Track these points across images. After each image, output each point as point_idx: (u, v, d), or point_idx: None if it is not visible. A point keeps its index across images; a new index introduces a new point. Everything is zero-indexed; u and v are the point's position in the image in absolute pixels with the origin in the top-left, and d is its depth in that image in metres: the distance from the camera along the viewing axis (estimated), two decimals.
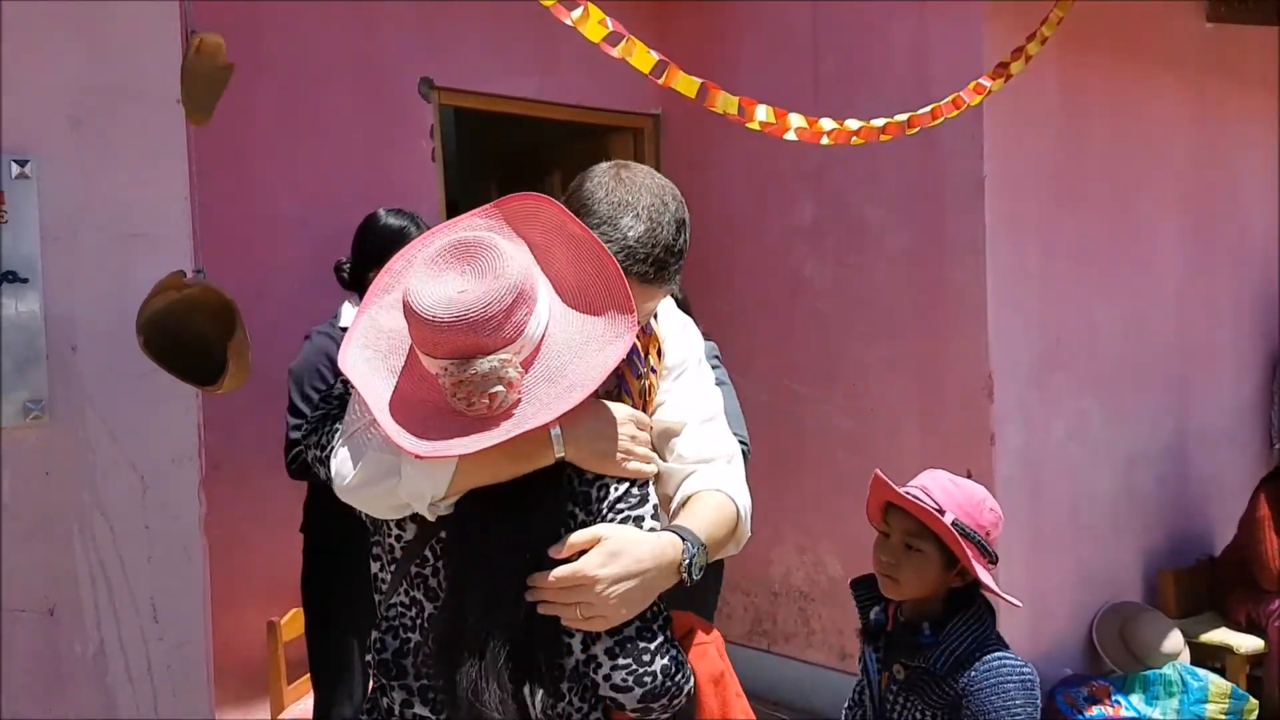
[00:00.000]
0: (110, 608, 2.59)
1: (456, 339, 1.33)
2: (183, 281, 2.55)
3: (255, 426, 3.64)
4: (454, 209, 5.06)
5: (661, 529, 1.49)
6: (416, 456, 1.34)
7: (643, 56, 2.48)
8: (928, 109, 3.11)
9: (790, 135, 2.82)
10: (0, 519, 2.49)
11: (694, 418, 1.69)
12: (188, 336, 2.55)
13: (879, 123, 3.00)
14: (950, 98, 3.15)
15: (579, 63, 4.57)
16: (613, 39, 2.44)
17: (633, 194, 1.52)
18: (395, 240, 2.94)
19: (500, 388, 1.33)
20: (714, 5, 4.77)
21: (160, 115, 2.76)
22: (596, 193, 1.53)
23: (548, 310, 1.42)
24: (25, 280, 2.59)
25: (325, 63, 4.01)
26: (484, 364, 1.32)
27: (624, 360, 1.63)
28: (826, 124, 2.88)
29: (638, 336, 1.66)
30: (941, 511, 2.00)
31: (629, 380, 1.64)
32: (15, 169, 2.57)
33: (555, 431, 1.40)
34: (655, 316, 1.74)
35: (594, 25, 2.38)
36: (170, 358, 2.50)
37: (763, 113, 2.74)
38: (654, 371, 1.70)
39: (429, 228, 3.07)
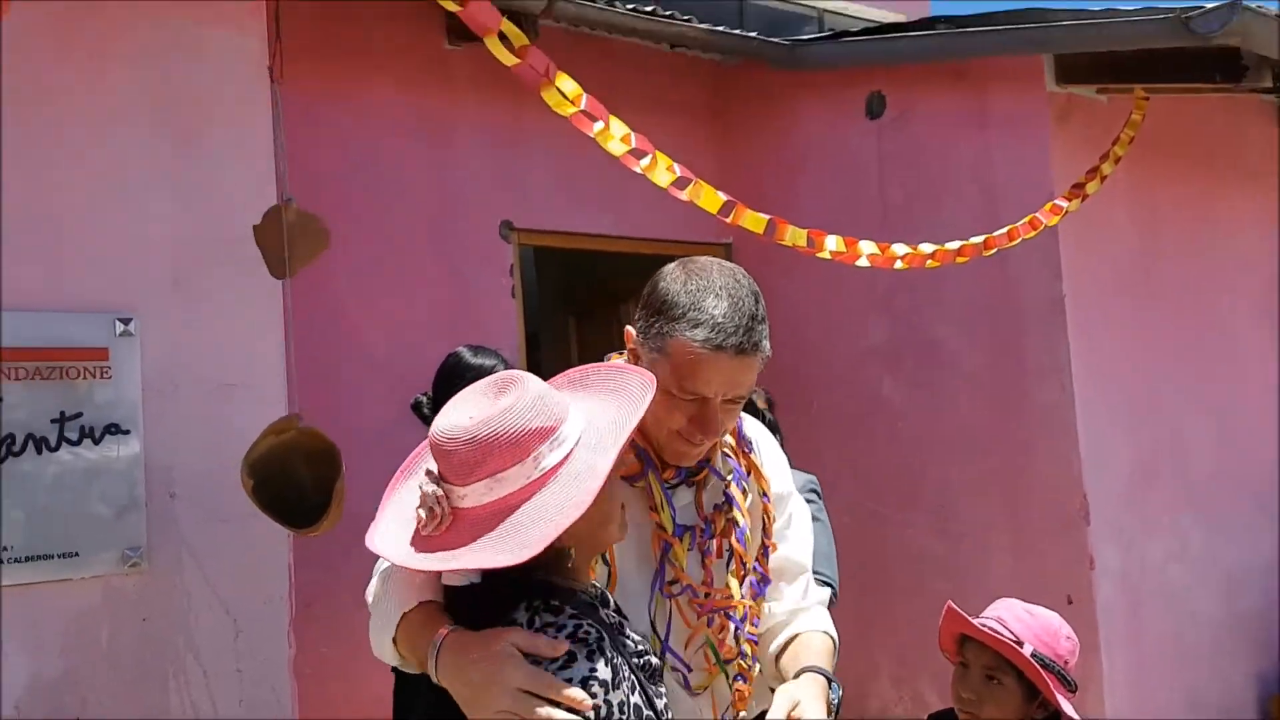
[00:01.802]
0: None
1: (452, 458, 1.35)
2: (291, 425, 2.66)
3: (344, 565, 3.70)
4: (533, 341, 5.18)
5: (804, 669, 1.60)
6: (373, 548, 1.41)
7: (710, 198, 2.56)
8: (1004, 231, 3.14)
9: (862, 262, 2.86)
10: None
11: (805, 561, 1.79)
12: (286, 480, 2.64)
13: (954, 246, 3.03)
14: (1027, 219, 3.18)
15: (649, 198, 4.66)
16: (680, 183, 2.53)
17: (706, 279, 1.55)
18: (478, 377, 3.01)
19: (423, 510, 1.35)
20: (774, 133, 4.89)
21: (255, 272, 2.92)
22: (672, 287, 1.55)
23: (559, 457, 1.36)
24: (127, 431, 2.72)
25: (410, 209, 4.20)
26: (428, 484, 1.35)
27: (730, 476, 1.69)
28: (899, 249, 2.92)
29: (736, 452, 1.72)
30: (1020, 643, 1.95)
31: (737, 497, 1.67)
32: (120, 327, 2.74)
33: (436, 640, 1.34)
34: (752, 443, 1.76)
35: (662, 171, 2.48)
36: (270, 501, 2.59)
37: (833, 243, 2.79)
38: (765, 497, 1.73)
39: (509, 364, 3.17)
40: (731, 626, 1.63)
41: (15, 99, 2.59)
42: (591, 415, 1.44)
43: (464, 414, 1.37)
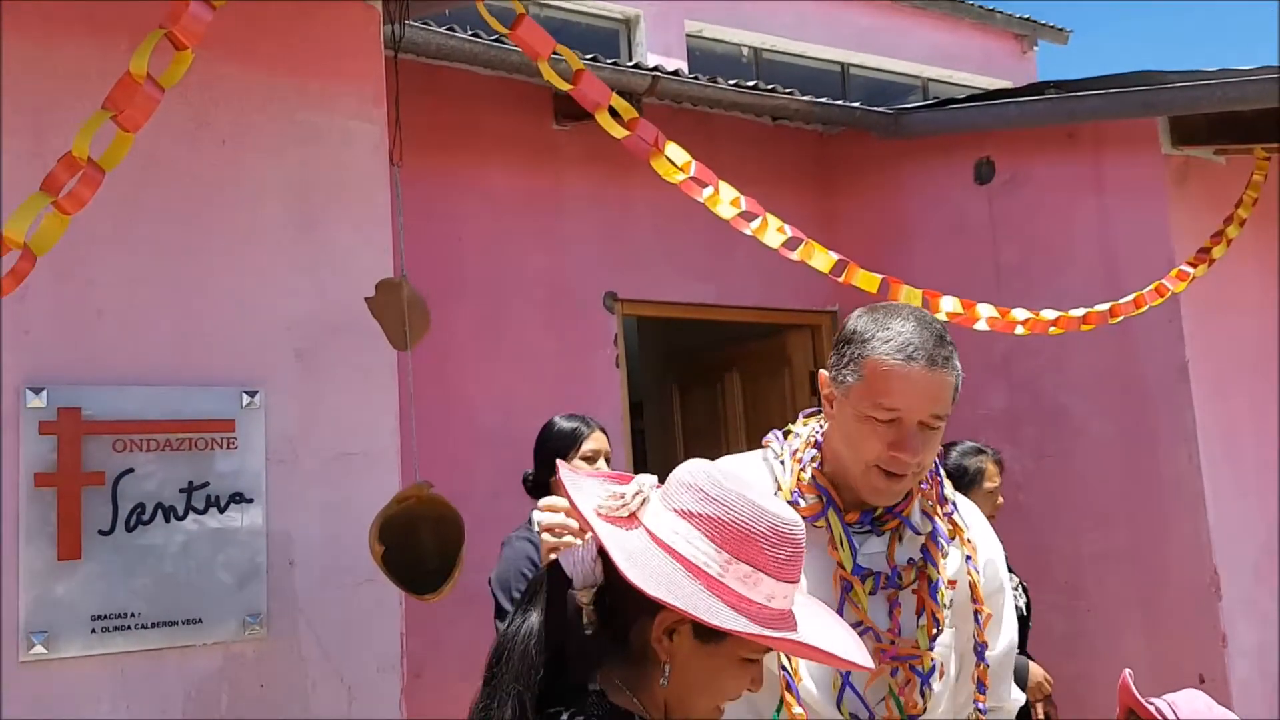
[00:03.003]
0: None
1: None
2: (419, 492, 2.70)
3: (453, 633, 3.73)
4: (636, 410, 5.21)
5: None
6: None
7: (822, 257, 2.56)
8: (1130, 298, 3.05)
9: (981, 325, 2.81)
10: None
11: (1011, 651, 1.82)
12: (409, 546, 2.68)
13: (1078, 313, 2.96)
14: (1153, 286, 3.09)
15: (753, 266, 4.72)
16: (791, 244, 2.53)
17: (892, 309, 1.63)
18: (568, 442, 3.06)
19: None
20: (879, 201, 4.87)
21: (374, 344, 3.00)
22: (859, 321, 1.63)
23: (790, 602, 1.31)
24: (251, 500, 2.81)
25: (519, 282, 4.30)
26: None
27: (929, 534, 1.68)
28: (1020, 314, 2.85)
29: (937, 511, 1.71)
30: None
31: (934, 554, 1.67)
32: (246, 399, 2.84)
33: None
34: (954, 505, 1.76)
35: (773, 233, 2.49)
36: (393, 567, 2.63)
37: (950, 304, 2.74)
38: (970, 561, 1.72)
39: (599, 427, 3.19)
40: (918, 681, 1.62)
41: (154, 180, 2.75)
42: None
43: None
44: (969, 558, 1.72)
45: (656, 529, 1.25)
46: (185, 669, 2.65)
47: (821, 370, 1.68)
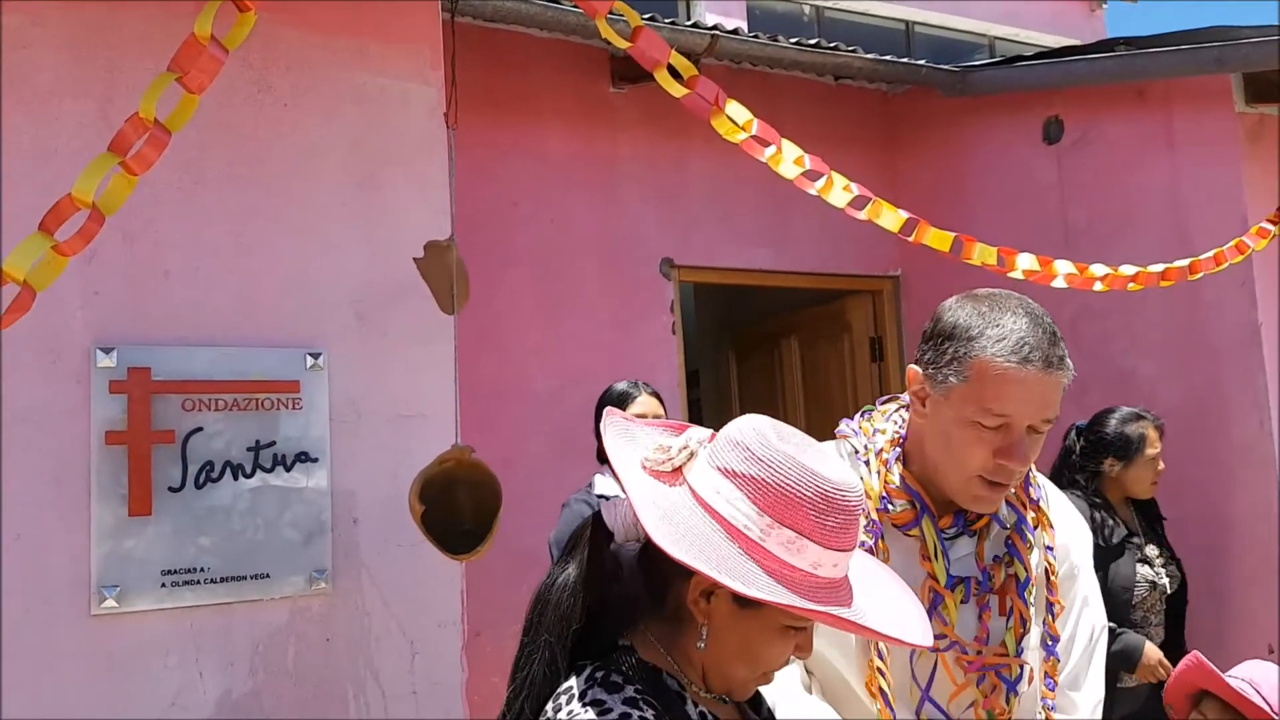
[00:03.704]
0: None
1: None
2: (461, 456, 2.73)
3: (512, 594, 3.75)
4: (693, 379, 5.19)
5: None
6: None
7: (890, 216, 2.50)
8: (1210, 254, 2.96)
9: (1059, 282, 2.73)
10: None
11: (1084, 644, 1.65)
12: (446, 507, 2.71)
13: (1157, 269, 2.87)
14: (1233, 243, 2.99)
15: (812, 230, 4.67)
16: (858, 203, 2.49)
17: (997, 300, 1.48)
18: (616, 405, 3.07)
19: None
20: (945, 161, 4.78)
21: (431, 308, 3.02)
22: (960, 313, 1.48)
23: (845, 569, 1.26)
24: (315, 459, 2.85)
25: (573, 249, 4.29)
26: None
27: (1014, 525, 1.56)
28: (1099, 270, 2.78)
29: (1022, 500, 1.58)
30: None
31: (1020, 548, 1.56)
32: (309, 360, 2.88)
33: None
34: (1042, 491, 1.64)
35: (838, 191, 2.44)
36: (430, 526, 2.66)
37: (1026, 261, 2.67)
38: (1050, 549, 1.60)
39: (652, 392, 3.19)
40: (1004, 687, 1.53)
41: (217, 143, 2.78)
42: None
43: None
44: (1048, 546, 1.60)
45: (699, 487, 1.20)
46: (253, 623, 2.71)
47: (911, 366, 1.54)
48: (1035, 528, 1.59)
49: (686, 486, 1.21)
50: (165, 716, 2.58)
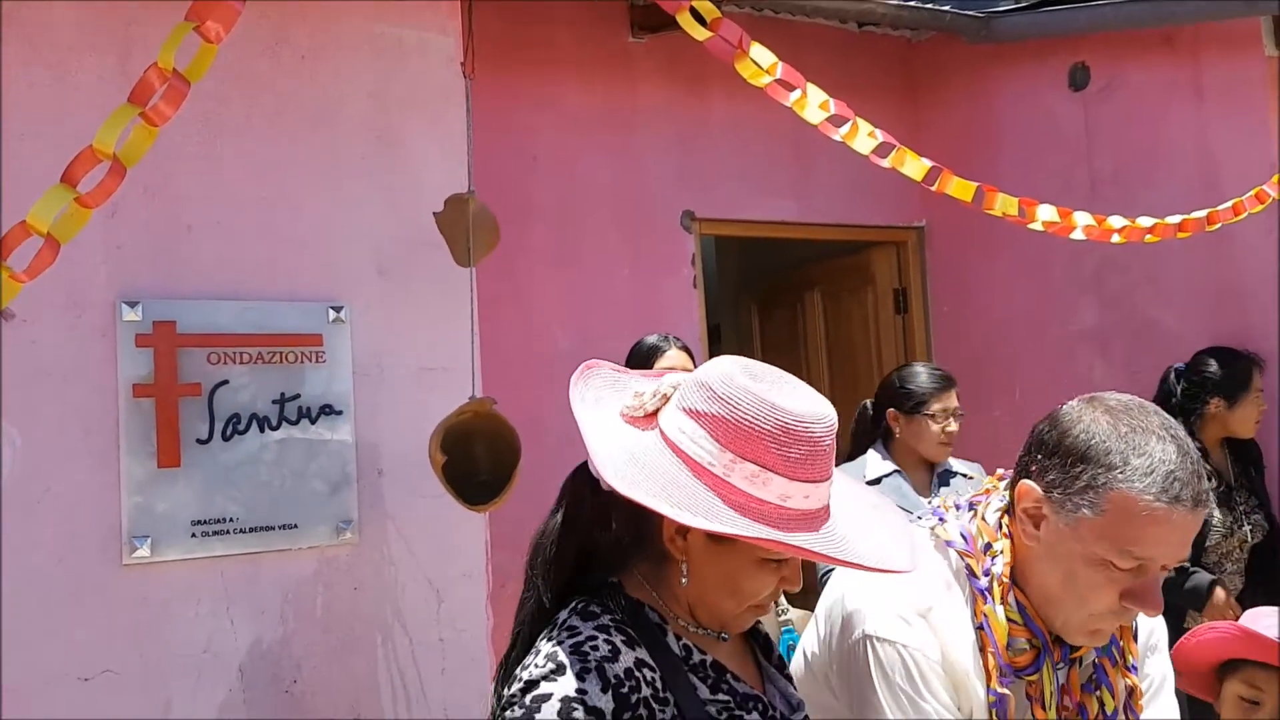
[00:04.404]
0: (408, 716, 2.74)
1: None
2: (482, 408, 2.75)
3: None
4: (714, 334, 5.18)
5: None
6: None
7: (914, 164, 2.48)
8: (1228, 205, 2.92)
9: (1077, 234, 2.71)
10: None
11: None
12: (464, 458, 2.74)
13: (1174, 220, 2.84)
14: (1253, 192, 2.95)
15: (835, 181, 4.63)
16: (882, 150, 2.46)
17: (1137, 418, 1.30)
18: (644, 359, 3.07)
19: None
20: (969, 109, 4.71)
21: (451, 261, 3.03)
22: (1095, 429, 1.30)
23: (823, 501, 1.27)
24: (340, 412, 2.87)
25: (593, 202, 4.27)
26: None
27: (1105, 653, 1.43)
28: (1116, 221, 2.75)
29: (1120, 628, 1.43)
30: None
31: (1109, 673, 1.42)
32: (332, 314, 2.89)
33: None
34: None
35: (863, 138, 2.42)
36: (449, 476, 2.69)
37: (1046, 212, 2.65)
38: (1133, 669, 1.45)
39: (683, 346, 3.19)
40: None
41: (236, 95, 2.78)
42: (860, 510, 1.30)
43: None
44: (1133, 665, 1.45)
45: (667, 428, 1.23)
46: (282, 572, 2.75)
47: (1026, 482, 1.35)
48: (1122, 645, 1.44)
49: (658, 430, 1.24)
50: (199, 662, 2.63)
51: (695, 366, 3.27)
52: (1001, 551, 1.38)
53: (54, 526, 2.53)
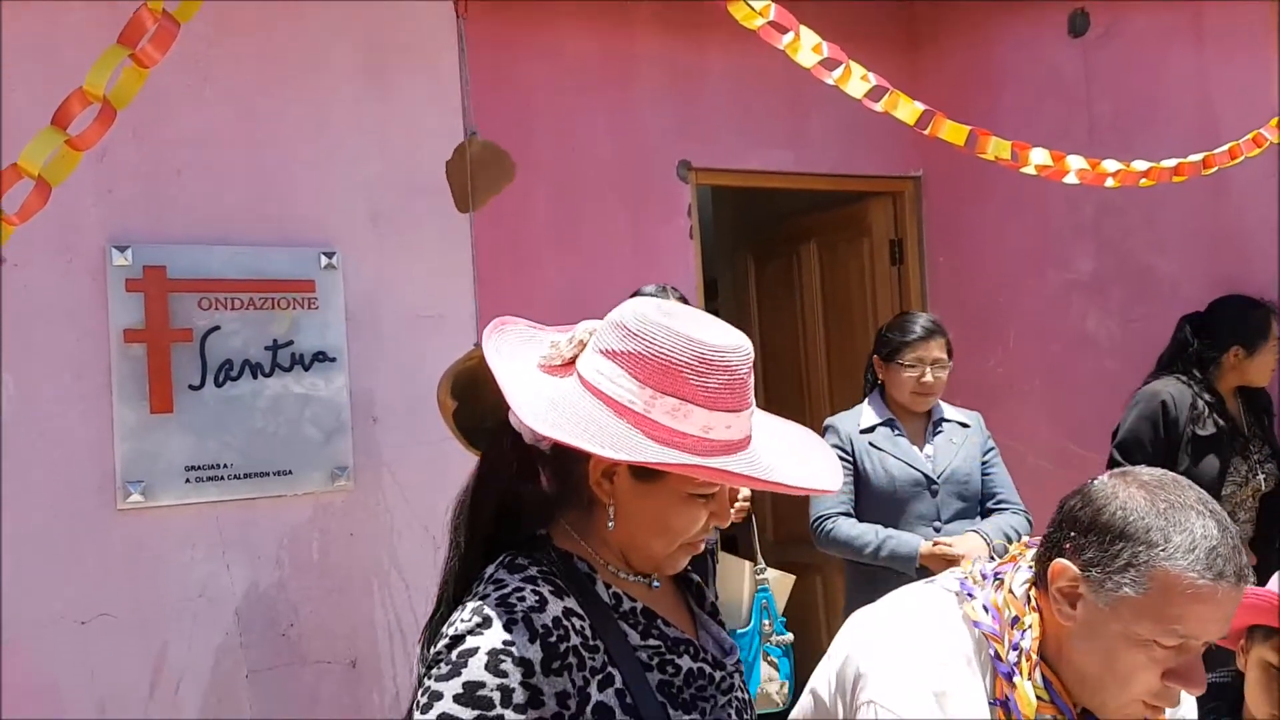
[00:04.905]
0: (406, 660, 2.76)
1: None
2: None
3: None
4: (711, 288, 5.16)
5: None
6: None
7: (907, 108, 2.45)
8: (1225, 148, 2.89)
9: (1071, 178, 2.69)
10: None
11: None
12: (471, 404, 2.73)
13: (1170, 163, 2.81)
14: (1250, 135, 2.92)
15: (832, 131, 4.59)
16: (875, 94, 2.43)
17: (1173, 493, 1.28)
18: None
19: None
20: (968, 57, 4.66)
21: (446, 208, 3.01)
22: (1133, 505, 1.27)
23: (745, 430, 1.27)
24: (333, 359, 2.86)
25: (590, 152, 4.24)
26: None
27: None
28: (1110, 165, 2.73)
29: None
30: None
31: None
32: (324, 260, 2.87)
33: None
34: None
35: (856, 81, 2.39)
36: (457, 423, 2.68)
37: (1039, 155, 2.63)
38: None
39: (680, 296, 3.16)
40: None
41: (225, 37, 2.74)
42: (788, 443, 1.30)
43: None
44: None
45: (585, 372, 1.22)
46: (278, 518, 2.76)
47: (1061, 560, 1.31)
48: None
49: (576, 375, 1.24)
50: (195, 606, 2.64)
51: None
52: (1030, 626, 1.35)
53: (48, 471, 2.53)
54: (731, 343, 1.19)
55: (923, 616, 1.41)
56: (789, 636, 3.13)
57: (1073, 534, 1.31)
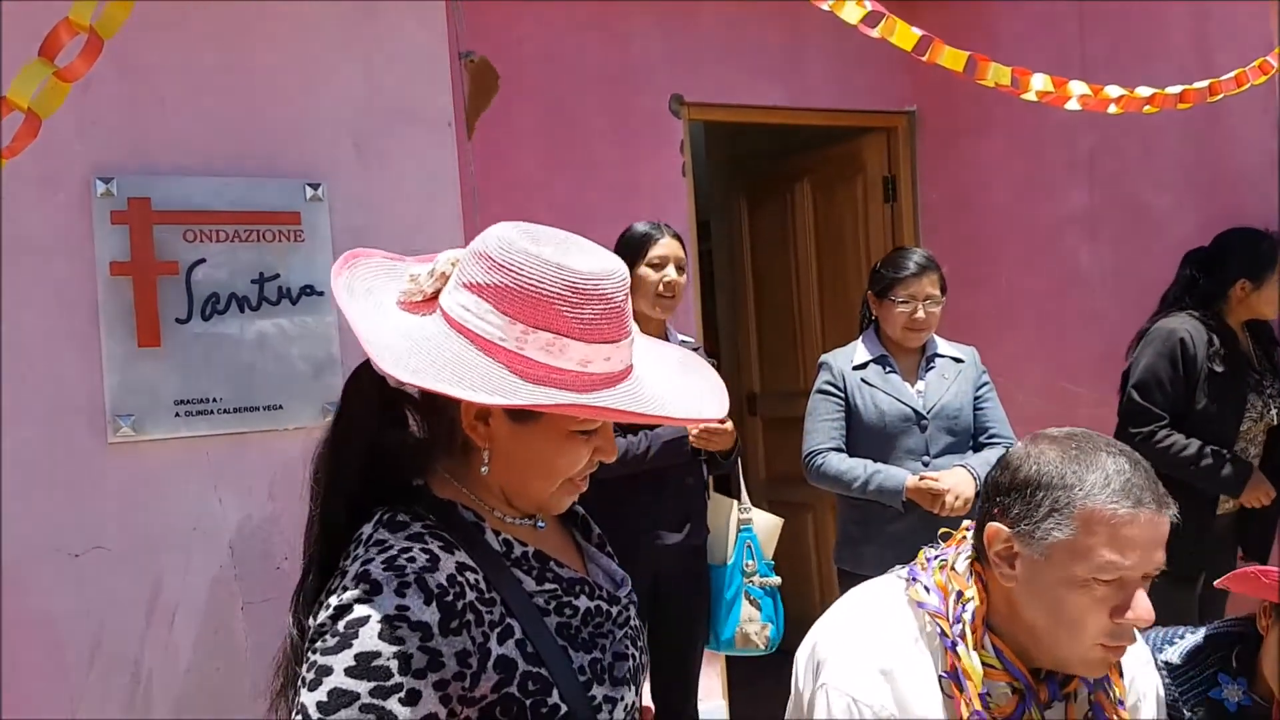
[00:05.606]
0: None
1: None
2: None
3: None
4: (703, 230, 5.13)
5: None
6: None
7: (904, 34, 2.42)
8: (1231, 75, 2.86)
9: (1073, 104, 2.66)
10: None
11: None
12: None
13: (1175, 90, 2.78)
14: (1256, 63, 2.89)
15: (827, 66, 4.54)
16: (871, 19, 2.40)
17: (1083, 443, 1.35)
18: (635, 246, 3.02)
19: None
20: None
21: (434, 137, 2.97)
22: (1044, 462, 1.35)
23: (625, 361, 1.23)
24: (321, 293, 2.84)
25: (581, 85, 4.18)
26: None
27: (1097, 681, 1.43)
28: (1113, 91, 2.69)
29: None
30: None
31: (1105, 707, 1.43)
32: (309, 191, 2.84)
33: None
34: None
35: (850, 7, 2.35)
36: None
37: (1040, 82, 2.60)
38: (1121, 704, 1.45)
39: (674, 234, 3.14)
40: None
41: None
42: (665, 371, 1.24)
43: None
44: (1120, 701, 1.46)
45: (449, 308, 1.13)
46: (268, 453, 2.76)
47: (992, 524, 1.37)
48: (1109, 676, 1.45)
49: (439, 312, 1.15)
50: (188, 539, 2.66)
51: (687, 254, 3.23)
52: (972, 598, 1.40)
53: (38, 404, 2.53)
54: (606, 268, 1.11)
55: (873, 604, 1.47)
56: (776, 579, 3.13)
57: (998, 499, 1.38)
